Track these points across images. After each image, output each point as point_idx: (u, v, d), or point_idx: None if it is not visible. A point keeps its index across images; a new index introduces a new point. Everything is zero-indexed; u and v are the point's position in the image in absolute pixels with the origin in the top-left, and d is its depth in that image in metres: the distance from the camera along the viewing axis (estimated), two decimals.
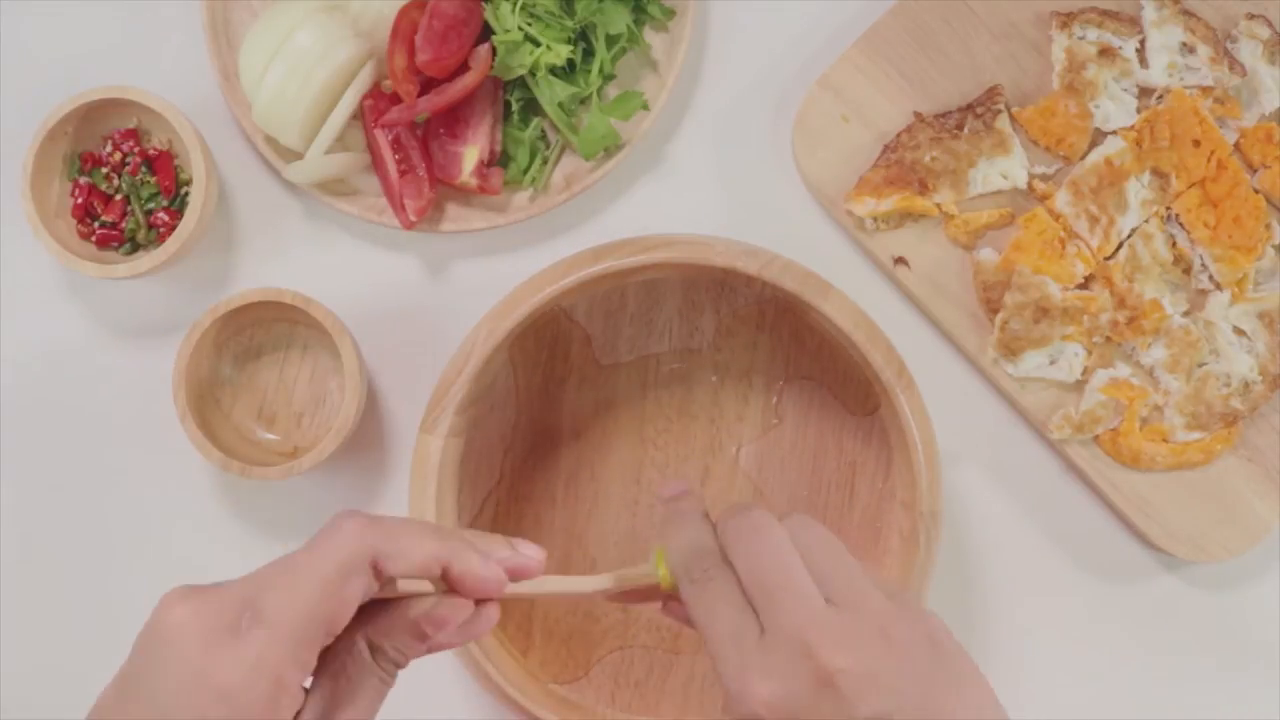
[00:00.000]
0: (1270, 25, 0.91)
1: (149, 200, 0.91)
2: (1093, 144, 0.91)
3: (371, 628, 0.61)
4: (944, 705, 0.62)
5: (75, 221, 0.91)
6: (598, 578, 0.67)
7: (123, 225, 0.91)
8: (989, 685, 0.65)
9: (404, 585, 0.60)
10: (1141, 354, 0.90)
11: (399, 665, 0.62)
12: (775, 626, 0.62)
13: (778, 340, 0.90)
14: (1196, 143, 0.90)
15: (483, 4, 0.89)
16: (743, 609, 0.63)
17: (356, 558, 0.58)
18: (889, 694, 0.61)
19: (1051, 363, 0.89)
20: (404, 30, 0.88)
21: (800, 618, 0.61)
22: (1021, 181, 0.91)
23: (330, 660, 0.61)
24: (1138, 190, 0.90)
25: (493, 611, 0.63)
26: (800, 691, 0.61)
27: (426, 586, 0.61)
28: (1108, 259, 0.90)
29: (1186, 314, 0.90)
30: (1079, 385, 0.90)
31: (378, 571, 0.59)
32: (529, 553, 0.64)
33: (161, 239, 0.90)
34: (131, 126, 0.91)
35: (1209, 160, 0.90)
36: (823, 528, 0.66)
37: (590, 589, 0.67)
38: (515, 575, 0.63)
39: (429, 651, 0.63)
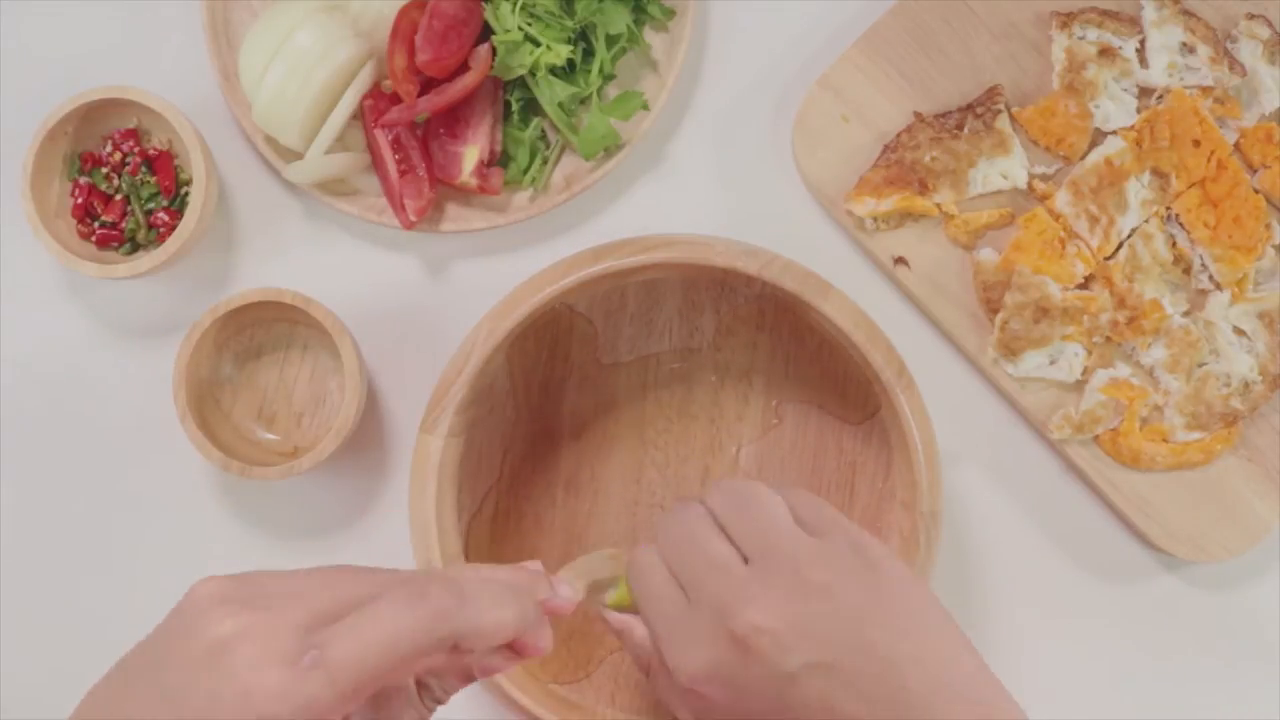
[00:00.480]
0: (1270, 25, 0.91)
1: (149, 200, 0.91)
2: (1093, 144, 0.91)
3: (418, 671, 0.61)
4: (877, 638, 0.61)
5: (75, 221, 0.91)
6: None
7: (123, 225, 0.91)
8: (926, 598, 0.63)
9: None
10: (1141, 354, 0.90)
11: (440, 702, 0.62)
12: (696, 598, 0.63)
13: (778, 340, 0.90)
14: (1196, 143, 0.90)
15: (483, 4, 0.89)
16: (673, 586, 0.65)
17: (434, 644, 0.56)
18: (815, 641, 0.61)
19: (1051, 363, 0.89)
20: (404, 30, 0.88)
21: (716, 585, 0.63)
22: (1021, 181, 0.91)
23: (375, 691, 0.60)
24: (1138, 190, 0.90)
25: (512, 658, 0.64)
26: (725, 657, 0.61)
27: None
28: (1108, 259, 0.90)
29: (1186, 314, 0.90)
30: (1079, 385, 0.90)
31: (454, 648, 0.58)
32: (565, 593, 0.65)
33: (161, 239, 0.90)
34: (131, 126, 0.91)
35: (1209, 160, 0.90)
36: (742, 484, 0.67)
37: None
38: (552, 612, 0.64)
39: None
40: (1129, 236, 0.90)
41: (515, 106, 0.90)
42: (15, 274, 0.93)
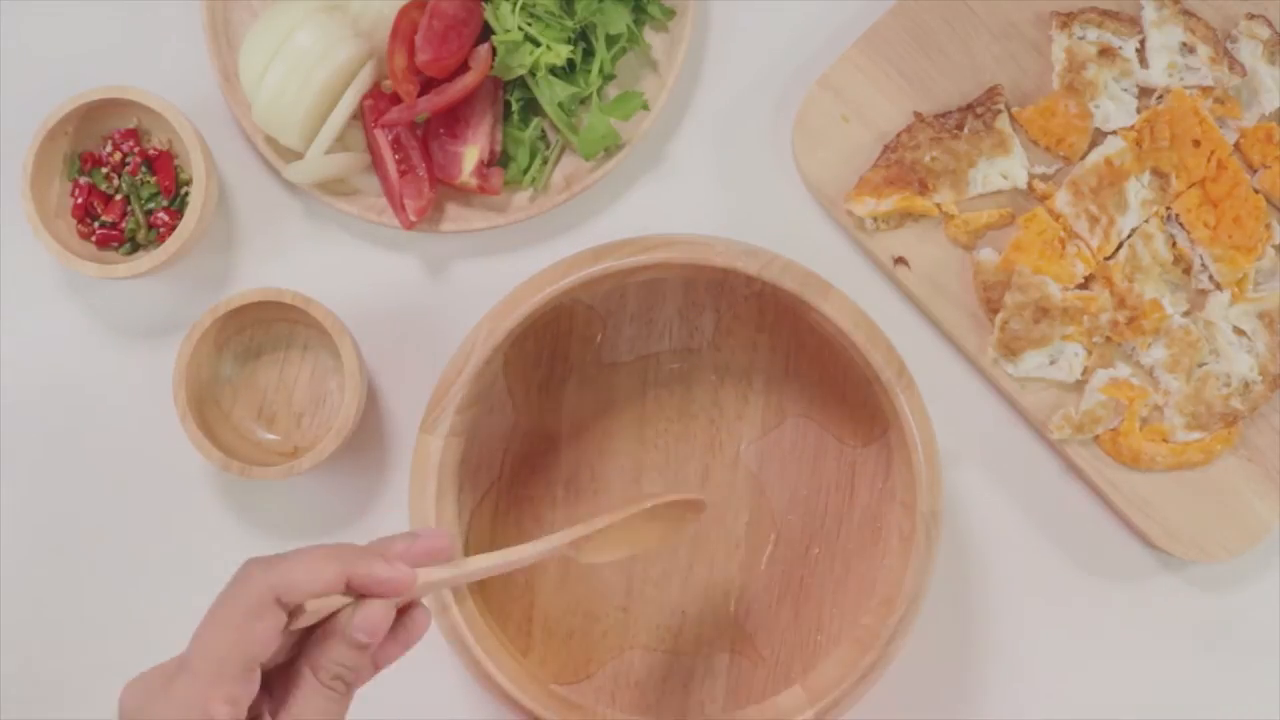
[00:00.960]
0: (1270, 25, 0.91)
1: (149, 200, 0.91)
2: (1093, 144, 0.91)
3: (310, 652, 0.65)
4: None
5: (75, 221, 0.91)
6: (530, 545, 0.71)
7: (123, 225, 0.91)
8: None
9: (313, 605, 0.63)
10: (1141, 354, 0.90)
11: (347, 681, 0.65)
12: None
13: (778, 340, 0.90)
14: (1196, 143, 0.90)
15: (483, 4, 0.89)
16: None
17: (259, 602, 0.62)
18: None
19: (1051, 363, 0.89)
20: (404, 30, 0.88)
21: None
22: (1021, 181, 0.91)
23: (281, 690, 0.65)
24: (1138, 190, 0.90)
25: (420, 614, 0.67)
26: None
27: (340, 602, 0.64)
28: (1108, 259, 0.90)
29: (1186, 314, 0.90)
30: (1079, 385, 0.90)
31: (284, 605, 0.63)
32: (430, 539, 0.67)
33: (161, 239, 0.90)
34: (131, 126, 0.91)
35: (1209, 160, 0.90)
36: None
37: (522, 557, 0.70)
38: (424, 560, 0.66)
39: (378, 667, 0.67)
40: (1129, 236, 0.90)
41: (515, 106, 0.90)
42: (15, 274, 0.93)
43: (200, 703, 0.61)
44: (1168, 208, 0.90)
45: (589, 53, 0.90)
